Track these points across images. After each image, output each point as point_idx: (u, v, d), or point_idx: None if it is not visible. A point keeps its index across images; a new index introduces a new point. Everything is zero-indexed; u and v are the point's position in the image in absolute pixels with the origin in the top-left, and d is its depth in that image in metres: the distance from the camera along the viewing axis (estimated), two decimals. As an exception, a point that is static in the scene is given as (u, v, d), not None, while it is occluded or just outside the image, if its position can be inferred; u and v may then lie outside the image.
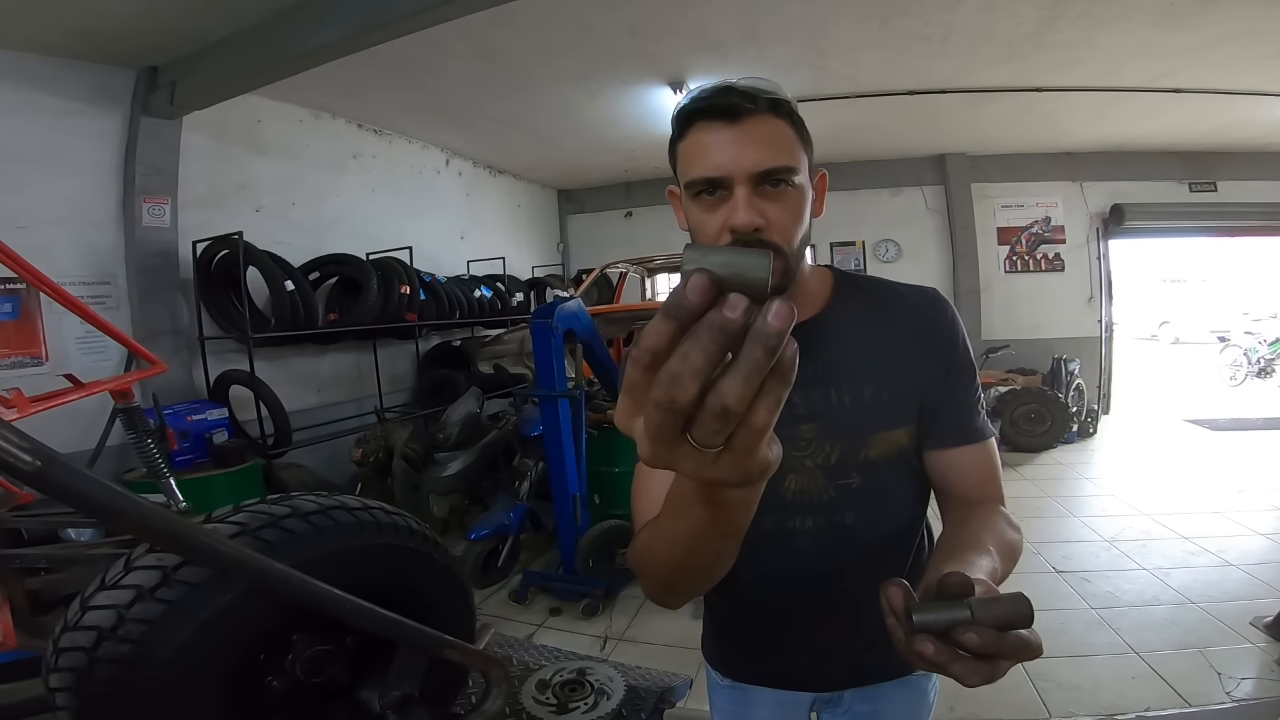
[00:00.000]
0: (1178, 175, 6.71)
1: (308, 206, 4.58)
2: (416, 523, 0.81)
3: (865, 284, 0.97)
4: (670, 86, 4.49)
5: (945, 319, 0.92)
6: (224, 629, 0.64)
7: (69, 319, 3.16)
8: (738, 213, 0.77)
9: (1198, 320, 15.18)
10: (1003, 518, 0.83)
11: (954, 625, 0.47)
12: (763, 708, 1.08)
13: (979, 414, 0.92)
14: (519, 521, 3.56)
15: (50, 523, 2.17)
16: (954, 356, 0.91)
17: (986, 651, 0.47)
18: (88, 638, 0.60)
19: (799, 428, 0.89)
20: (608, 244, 7.58)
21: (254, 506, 0.68)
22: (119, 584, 0.60)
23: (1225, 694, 2.38)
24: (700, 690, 1.49)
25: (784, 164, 0.78)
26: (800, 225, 0.82)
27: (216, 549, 0.58)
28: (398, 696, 0.76)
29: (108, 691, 0.60)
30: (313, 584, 0.63)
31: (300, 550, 0.66)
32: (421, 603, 0.78)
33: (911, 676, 1.04)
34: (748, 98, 0.78)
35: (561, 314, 3.27)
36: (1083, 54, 4.14)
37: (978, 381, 0.94)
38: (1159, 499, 4.57)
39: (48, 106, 3.22)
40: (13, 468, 0.42)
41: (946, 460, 0.90)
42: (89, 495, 0.48)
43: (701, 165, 0.80)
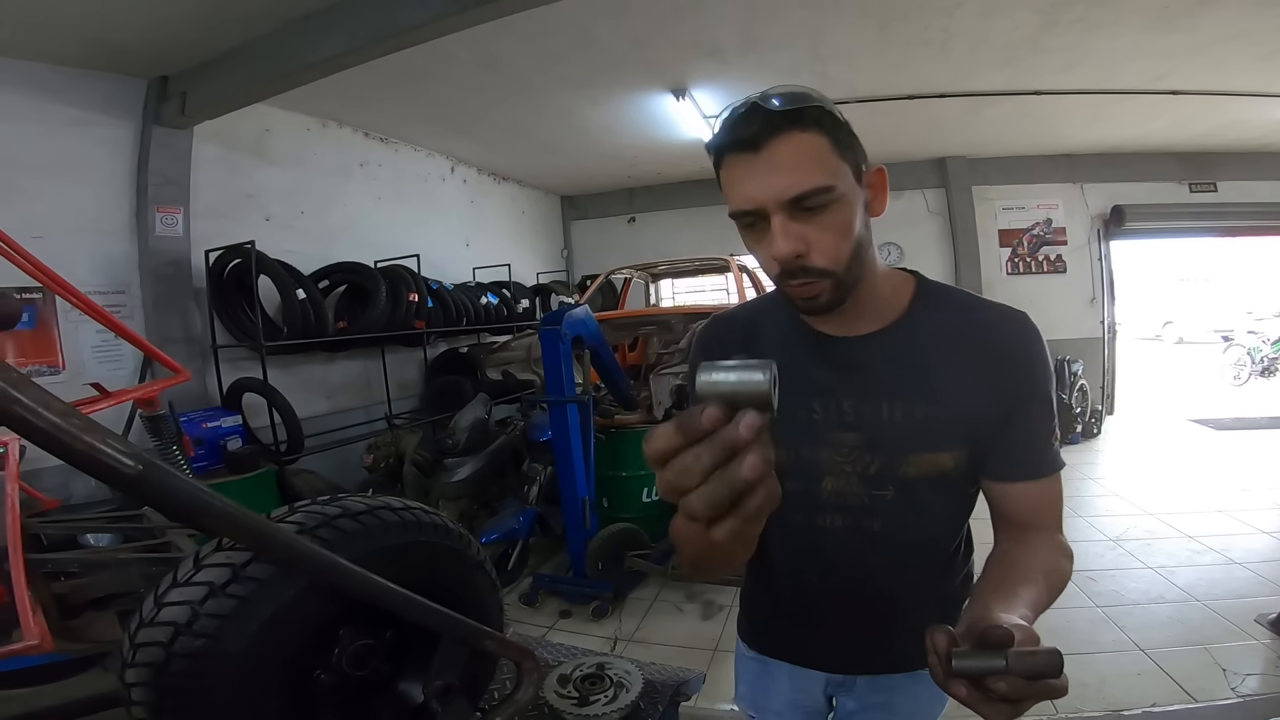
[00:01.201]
0: (1177, 176, 6.74)
1: (316, 215, 4.64)
2: (452, 522, 0.86)
3: (947, 298, 0.93)
4: (672, 93, 4.54)
5: (1023, 348, 0.87)
6: (286, 623, 0.67)
7: (85, 328, 3.22)
8: (774, 244, 0.77)
9: (1201, 320, 15.17)
10: (1057, 547, 0.84)
11: (989, 674, 0.53)
12: (780, 680, 1.14)
13: (1050, 448, 0.88)
14: (528, 525, 3.60)
15: (72, 528, 2.21)
16: (1027, 388, 0.87)
17: (1013, 697, 0.53)
18: (164, 633, 0.63)
19: (843, 435, 0.90)
20: (611, 250, 7.64)
21: (308, 508, 0.72)
22: (191, 580, 0.63)
23: (1231, 690, 2.40)
24: (711, 688, 1.53)
25: (814, 185, 0.75)
26: (847, 241, 0.80)
27: (291, 546, 0.62)
28: (440, 686, 0.80)
29: (182, 685, 0.63)
30: (371, 578, 0.67)
31: (351, 548, 0.70)
32: (456, 598, 0.82)
33: (925, 671, 1.06)
34: (766, 120, 0.74)
35: (570, 320, 3.31)
36: (1079, 57, 4.19)
37: (1053, 414, 0.89)
38: (1163, 498, 4.60)
39: (61, 116, 3.27)
40: (115, 473, 0.46)
41: (1007, 492, 0.89)
42: (183, 496, 0.52)
43: (736, 199, 0.79)
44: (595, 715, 1.16)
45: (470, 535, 0.88)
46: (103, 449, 0.45)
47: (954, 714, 2.38)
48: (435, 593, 0.78)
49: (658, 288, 7.06)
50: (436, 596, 0.78)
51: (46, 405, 0.42)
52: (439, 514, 0.84)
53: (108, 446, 0.45)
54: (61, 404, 0.43)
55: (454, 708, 0.82)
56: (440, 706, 0.80)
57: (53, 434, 0.43)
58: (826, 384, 0.90)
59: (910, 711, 1.10)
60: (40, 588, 1.60)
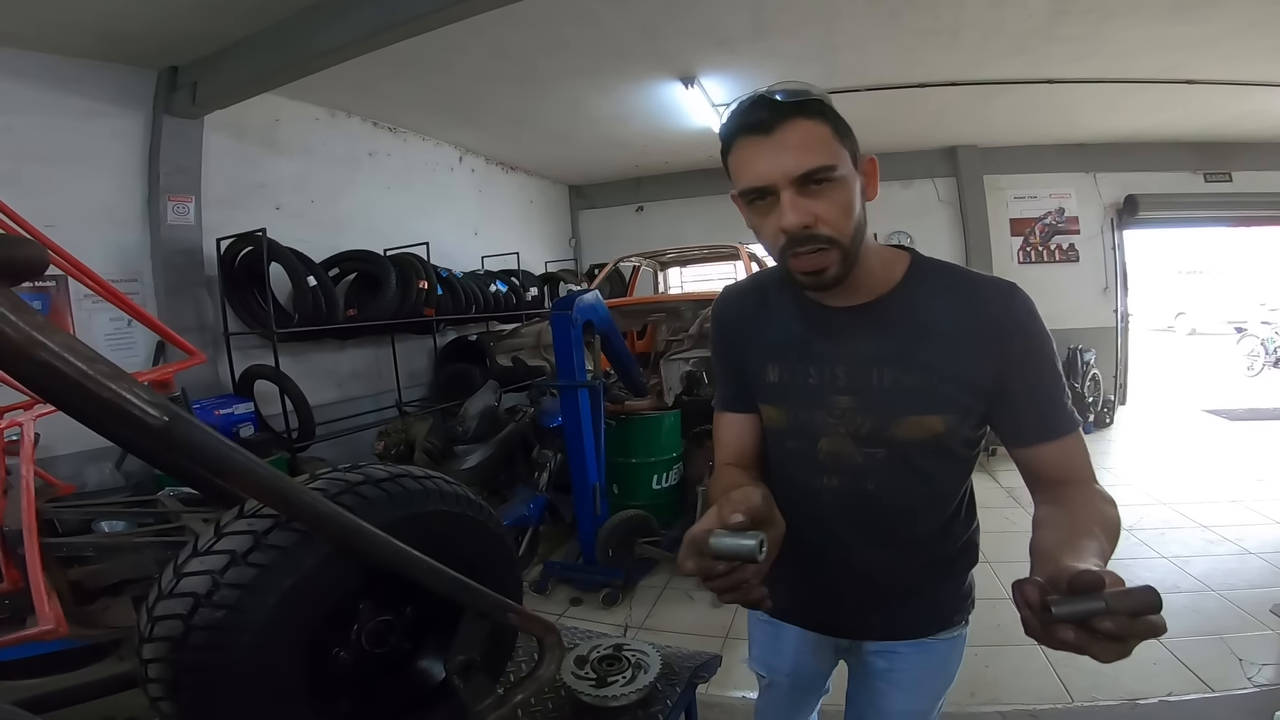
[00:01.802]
0: (1192, 166, 6.66)
1: (325, 204, 4.65)
2: (473, 493, 0.85)
3: (939, 271, 0.99)
4: (681, 82, 4.50)
5: (1006, 314, 0.91)
6: (307, 594, 0.66)
7: (99, 315, 3.24)
8: (785, 216, 0.84)
9: (1214, 311, 15.03)
10: (1098, 496, 0.87)
11: (1091, 615, 0.55)
12: (790, 643, 1.22)
13: (1062, 407, 0.92)
14: (539, 512, 3.60)
15: (87, 514, 2.22)
16: (1023, 355, 0.91)
17: (1121, 635, 0.55)
18: (184, 604, 0.61)
19: (837, 398, 0.97)
20: (619, 239, 7.62)
21: (330, 474, 0.71)
22: (212, 549, 0.62)
23: (1246, 680, 2.39)
24: (722, 676, 1.53)
25: (820, 163, 0.82)
26: (850, 215, 0.86)
27: (315, 508, 0.60)
28: (462, 661, 0.79)
29: (201, 661, 0.62)
30: (396, 544, 0.66)
31: (373, 516, 0.68)
32: (476, 571, 0.81)
33: (929, 640, 1.11)
34: (777, 107, 0.83)
35: (580, 306, 3.30)
36: (1093, 47, 4.14)
37: (1058, 375, 0.94)
38: (1177, 488, 4.56)
39: (73, 107, 3.28)
40: (140, 423, 0.44)
41: (1030, 456, 0.93)
42: (208, 450, 0.51)
43: (747, 176, 0.86)
44: (613, 696, 1.15)
45: (490, 508, 0.87)
46: (129, 398, 0.44)
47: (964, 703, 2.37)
48: (455, 565, 0.77)
49: (666, 275, 7.03)
50: (456, 569, 0.77)
51: (72, 350, 0.41)
52: (459, 484, 0.83)
53: (134, 396, 0.44)
54: (88, 350, 0.42)
55: (475, 684, 0.81)
56: (461, 682, 0.79)
57: (78, 380, 0.41)
58: (823, 352, 0.98)
59: (916, 681, 1.14)
60: (56, 573, 1.60)
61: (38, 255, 0.49)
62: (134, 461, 3.21)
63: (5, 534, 1.48)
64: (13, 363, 0.40)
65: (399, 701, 0.85)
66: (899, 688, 1.15)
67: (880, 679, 1.16)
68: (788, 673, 1.26)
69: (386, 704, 0.83)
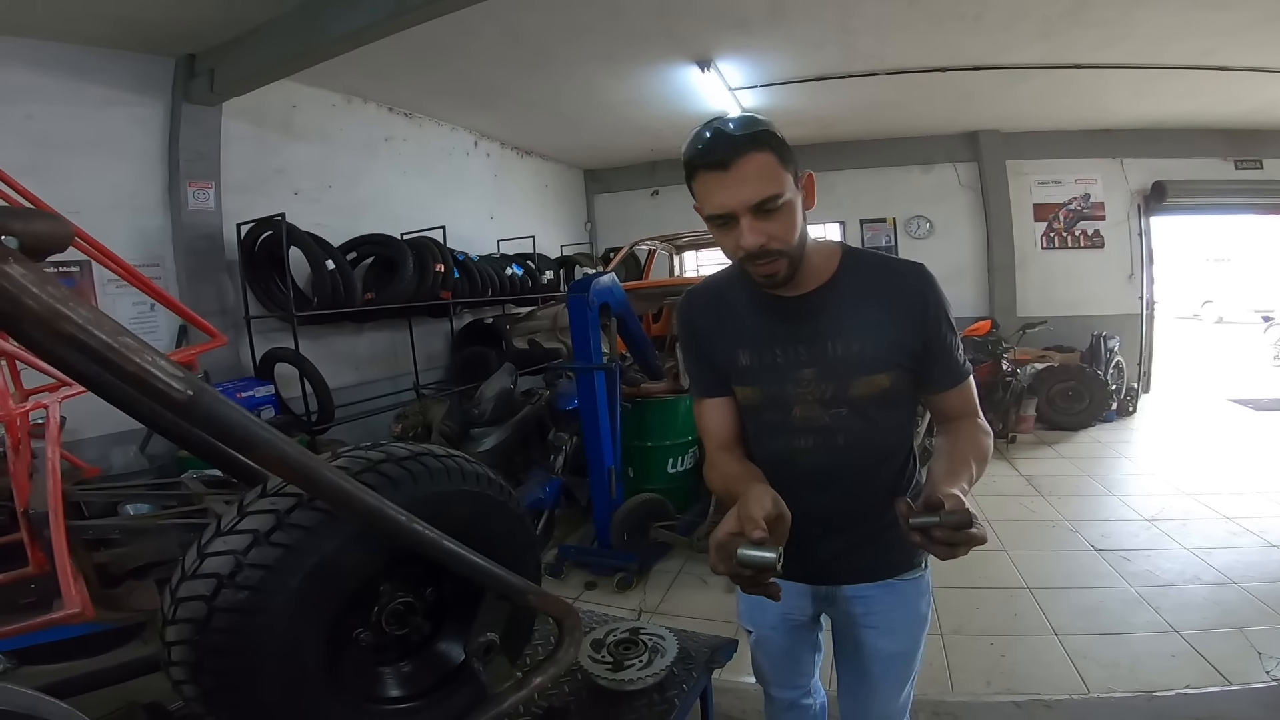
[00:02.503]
0: (1222, 153, 6.49)
1: (343, 189, 4.67)
2: (493, 473, 0.84)
3: (865, 260, 1.19)
4: (697, 65, 4.45)
5: (920, 290, 1.13)
6: (330, 575, 0.65)
7: (123, 300, 3.29)
8: (744, 238, 1.01)
9: (1241, 299, 14.71)
10: (979, 429, 1.16)
11: (930, 526, 0.86)
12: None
13: (959, 360, 1.17)
14: (554, 496, 3.62)
15: (112, 497, 2.25)
16: (934, 321, 1.13)
17: (947, 541, 0.85)
18: (207, 585, 0.61)
19: (802, 371, 1.15)
20: (634, 223, 7.58)
21: (352, 452, 0.71)
22: (235, 529, 0.62)
23: (1265, 673, 2.34)
24: (739, 662, 1.54)
25: (771, 193, 0.99)
26: (795, 230, 1.05)
27: (339, 487, 0.60)
28: (483, 643, 0.79)
29: (224, 642, 0.62)
30: (418, 524, 0.66)
31: (395, 495, 0.68)
32: (496, 551, 0.81)
33: (894, 581, 1.27)
34: (731, 145, 0.97)
35: (597, 288, 3.29)
36: (1122, 32, 4.03)
37: (955, 333, 1.16)
38: (1200, 478, 4.48)
39: (93, 96, 3.32)
40: (166, 396, 0.44)
41: (938, 400, 1.20)
42: (232, 424, 0.50)
43: (710, 205, 1.02)
44: (630, 680, 1.16)
45: (510, 488, 0.87)
46: (155, 372, 0.43)
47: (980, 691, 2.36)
48: (475, 545, 0.77)
49: (682, 259, 7.00)
50: (476, 549, 0.77)
51: (98, 324, 0.41)
52: (480, 464, 0.83)
53: (160, 370, 0.44)
54: (114, 323, 0.42)
55: (495, 666, 0.82)
56: (481, 664, 0.80)
57: (104, 354, 0.41)
58: (783, 334, 1.16)
59: (890, 623, 1.27)
60: (81, 556, 1.61)
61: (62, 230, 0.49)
62: (158, 445, 3.27)
63: (31, 516, 1.49)
64: (38, 336, 0.40)
65: (420, 683, 0.85)
66: (877, 631, 1.28)
67: (859, 625, 1.29)
68: (773, 625, 1.37)
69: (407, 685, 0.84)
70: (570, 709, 1.13)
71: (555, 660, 0.87)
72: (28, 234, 0.50)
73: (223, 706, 0.67)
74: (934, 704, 2.29)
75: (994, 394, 5.60)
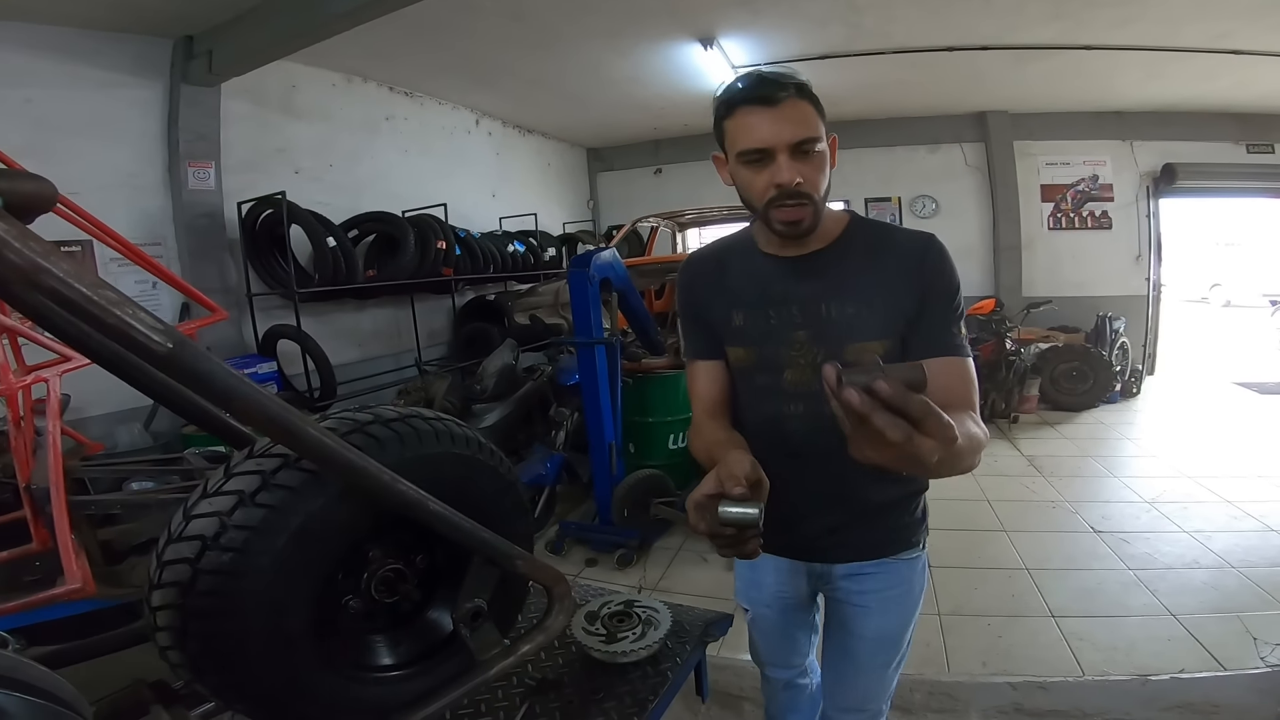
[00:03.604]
0: (1234, 136, 6.40)
1: (344, 168, 4.66)
2: (484, 438, 0.84)
3: (871, 227, 1.19)
4: (700, 43, 4.41)
5: (928, 257, 1.10)
6: (315, 536, 0.65)
7: (125, 278, 3.29)
8: (781, 173, 1.01)
9: (1250, 283, 14.58)
10: (969, 418, 0.93)
11: (872, 381, 0.61)
12: (768, 574, 1.35)
13: (954, 334, 1.09)
14: (556, 471, 3.63)
15: (117, 472, 2.26)
16: (931, 287, 1.08)
17: (895, 402, 0.60)
18: (191, 548, 0.61)
19: (795, 333, 1.14)
20: (637, 201, 7.55)
21: (340, 413, 0.71)
22: (221, 490, 0.62)
23: (1260, 659, 2.35)
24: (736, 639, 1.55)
25: (812, 135, 1.01)
26: (824, 179, 1.05)
27: (323, 443, 0.60)
28: (470, 609, 0.80)
29: (209, 605, 0.61)
30: (404, 484, 0.66)
31: (382, 456, 0.68)
32: (486, 517, 0.81)
33: (889, 560, 1.24)
34: (781, 85, 1.00)
35: (598, 263, 3.27)
36: (1136, 13, 3.96)
37: (956, 309, 1.10)
38: (1203, 461, 4.47)
39: (91, 78, 3.31)
40: (145, 348, 0.44)
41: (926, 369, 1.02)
42: (213, 378, 0.50)
43: (750, 139, 1.02)
44: (623, 652, 1.17)
45: (503, 454, 0.86)
46: (134, 324, 0.43)
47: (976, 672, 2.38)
48: (465, 510, 0.77)
49: (685, 236, 6.98)
50: (466, 514, 0.77)
51: (78, 276, 0.41)
52: (470, 428, 0.82)
53: (140, 322, 0.44)
54: (95, 277, 0.42)
55: (482, 633, 0.82)
56: (469, 631, 0.80)
57: (84, 306, 0.41)
58: (779, 294, 1.14)
59: (883, 603, 1.25)
60: (85, 532, 1.62)
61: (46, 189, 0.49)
62: (162, 422, 3.29)
63: (34, 492, 1.49)
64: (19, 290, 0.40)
65: (410, 651, 0.86)
66: (868, 610, 1.26)
67: (851, 603, 1.28)
68: (768, 603, 1.37)
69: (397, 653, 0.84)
70: (564, 680, 1.14)
71: (544, 628, 0.87)
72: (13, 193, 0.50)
73: (208, 672, 0.66)
74: (930, 684, 2.31)
75: (997, 373, 5.59)
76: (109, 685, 1.03)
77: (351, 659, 0.82)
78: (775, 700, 1.51)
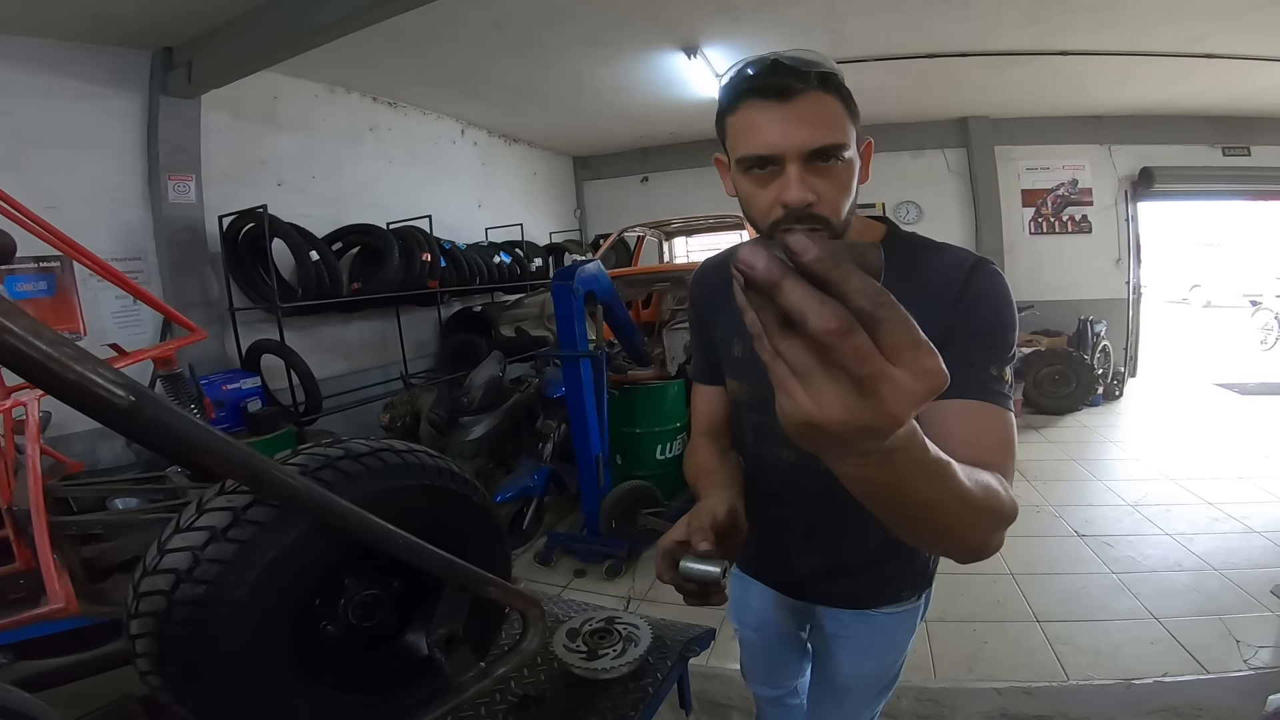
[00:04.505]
0: (1209, 139, 6.52)
1: (327, 179, 4.64)
2: (457, 466, 0.85)
3: (912, 243, 0.98)
4: (684, 51, 4.42)
5: (971, 281, 0.88)
6: (289, 569, 0.67)
7: (105, 294, 3.26)
8: (790, 190, 0.80)
9: (1229, 283, 14.82)
10: (995, 479, 0.66)
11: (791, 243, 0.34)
12: (756, 599, 1.30)
13: (992, 377, 0.83)
14: (543, 483, 3.63)
15: (100, 491, 2.25)
16: (970, 315, 0.86)
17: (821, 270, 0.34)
18: (166, 580, 0.63)
19: None
20: (624, 209, 7.57)
21: (310, 449, 0.72)
22: (193, 526, 0.63)
23: (1243, 662, 2.38)
24: (721, 647, 1.55)
25: (834, 141, 0.80)
26: (848, 197, 0.84)
27: (287, 484, 0.61)
28: (443, 634, 0.81)
29: (185, 634, 0.64)
30: (370, 519, 0.67)
31: (353, 490, 0.69)
32: (461, 545, 0.82)
33: (871, 612, 1.15)
34: (798, 75, 0.78)
35: (582, 276, 3.28)
36: (1110, 17, 4.02)
37: (999, 347, 0.85)
38: (1184, 463, 4.54)
39: (68, 90, 3.28)
40: (108, 404, 0.44)
41: (939, 414, 0.75)
42: (177, 431, 0.51)
43: (754, 142, 0.81)
44: (604, 669, 1.17)
45: (476, 482, 0.87)
46: (94, 379, 0.44)
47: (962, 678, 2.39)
48: (440, 539, 0.78)
49: (671, 245, 7.00)
50: (441, 542, 0.78)
51: (37, 333, 0.41)
52: (443, 458, 0.84)
53: (99, 377, 0.44)
54: (53, 333, 0.42)
55: (458, 657, 0.83)
56: (443, 655, 0.81)
57: (43, 364, 0.42)
58: None
59: (860, 649, 1.19)
60: (68, 551, 1.61)
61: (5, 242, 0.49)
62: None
63: (15, 513, 1.50)
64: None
65: (386, 674, 0.86)
66: (846, 652, 1.21)
67: (831, 642, 1.22)
68: (755, 627, 1.34)
69: (373, 676, 0.85)
70: (545, 697, 1.14)
71: (519, 651, 0.88)
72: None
73: (187, 695, 0.68)
74: (917, 690, 2.33)
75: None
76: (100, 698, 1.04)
77: (329, 681, 0.83)
78: (764, 717, 1.50)
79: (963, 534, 0.62)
